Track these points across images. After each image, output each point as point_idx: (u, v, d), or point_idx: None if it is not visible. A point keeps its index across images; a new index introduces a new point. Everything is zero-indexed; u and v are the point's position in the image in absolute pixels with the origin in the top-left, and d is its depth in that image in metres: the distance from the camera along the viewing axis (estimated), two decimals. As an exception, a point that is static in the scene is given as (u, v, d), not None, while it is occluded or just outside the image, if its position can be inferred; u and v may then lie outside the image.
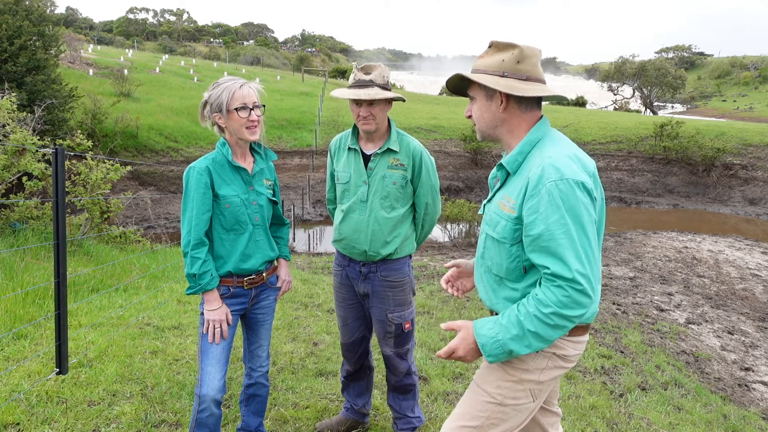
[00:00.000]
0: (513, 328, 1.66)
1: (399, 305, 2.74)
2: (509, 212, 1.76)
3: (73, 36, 33.07)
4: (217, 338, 2.37)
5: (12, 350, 3.75)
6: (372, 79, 2.54)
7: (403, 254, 2.73)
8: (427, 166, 2.69)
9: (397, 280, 2.72)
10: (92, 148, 8.57)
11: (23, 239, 6.92)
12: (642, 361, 5.17)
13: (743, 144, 22.36)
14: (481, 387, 1.87)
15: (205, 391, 2.35)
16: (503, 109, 1.81)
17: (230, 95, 2.30)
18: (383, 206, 2.64)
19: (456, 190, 20.15)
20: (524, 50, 1.77)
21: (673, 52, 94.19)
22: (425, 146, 2.82)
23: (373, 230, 2.65)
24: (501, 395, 1.82)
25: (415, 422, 2.91)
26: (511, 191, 1.79)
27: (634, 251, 11.84)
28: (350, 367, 2.99)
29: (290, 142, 22.64)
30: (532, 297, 1.66)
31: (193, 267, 2.30)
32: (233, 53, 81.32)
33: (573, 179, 1.64)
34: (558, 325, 1.63)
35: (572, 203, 1.62)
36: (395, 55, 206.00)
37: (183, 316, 4.78)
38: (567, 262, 1.59)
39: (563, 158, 1.69)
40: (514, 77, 1.77)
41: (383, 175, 2.64)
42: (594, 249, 1.66)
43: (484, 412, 1.83)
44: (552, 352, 1.81)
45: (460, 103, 38.00)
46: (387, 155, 2.65)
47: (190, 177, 2.33)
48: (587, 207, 1.65)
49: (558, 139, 1.80)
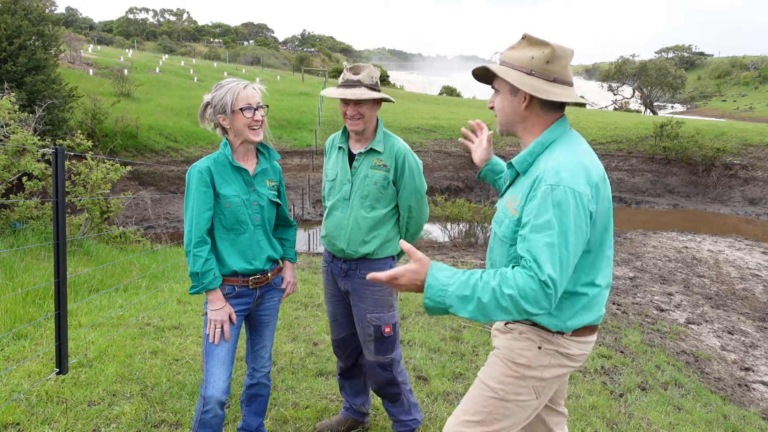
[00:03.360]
0: (466, 288, 1.59)
1: (378, 306, 2.72)
2: (513, 213, 1.77)
3: (73, 36, 33.03)
4: (217, 338, 2.37)
5: (12, 350, 3.75)
6: (360, 80, 2.57)
7: (383, 255, 2.72)
8: (411, 168, 2.68)
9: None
10: (92, 148, 8.57)
11: (23, 239, 6.92)
12: (642, 361, 5.17)
13: (743, 144, 22.35)
14: (484, 382, 1.88)
15: (210, 392, 2.35)
16: (525, 107, 1.80)
17: (235, 96, 2.32)
18: (363, 205, 2.68)
19: (456, 190, 20.15)
20: (556, 50, 1.74)
21: (673, 52, 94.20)
22: (425, 146, 2.83)
23: (352, 228, 2.69)
24: (504, 390, 1.83)
25: (411, 424, 2.90)
26: (518, 191, 1.79)
27: (634, 251, 11.84)
28: (342, 364, 3.01)
29: (290, 142, 22.64)
30: (500, 273, 1.61)
31: (195, 265, 2.31)
32: (233, 53, 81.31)
33: (570, 187, 1.63)
34: (507, 309, 1.58)
35: (563, 210, 1.61)
36: (395, 55, 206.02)
37: (183, 316, 4.78)
38: (542, 265, 1.58)
39: (568, 164, 1.68)
40: (541, 77, 1.75)
41: (365, 175, 2.67)
42: (572, 261, 1.63)
43: (486, 407, 1.85)
44: (555, 349, 1.82)
45: (460, 103, 38.01)
46: (371, 155, 2.68)
47: (191, 176, 2.35)
48: (577, 218, 1.63)
49: (571, 143, 1.78)
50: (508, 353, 1.87)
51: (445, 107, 33.16)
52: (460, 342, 4.77)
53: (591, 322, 1.82)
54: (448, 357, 4.35)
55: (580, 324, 1.80)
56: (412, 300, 5.85)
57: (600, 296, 1.83)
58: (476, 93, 52.30)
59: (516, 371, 1.83)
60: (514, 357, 1.84)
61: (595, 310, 1.83)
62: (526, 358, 1.83)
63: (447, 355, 4.39)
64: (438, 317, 5.53)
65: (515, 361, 1.84)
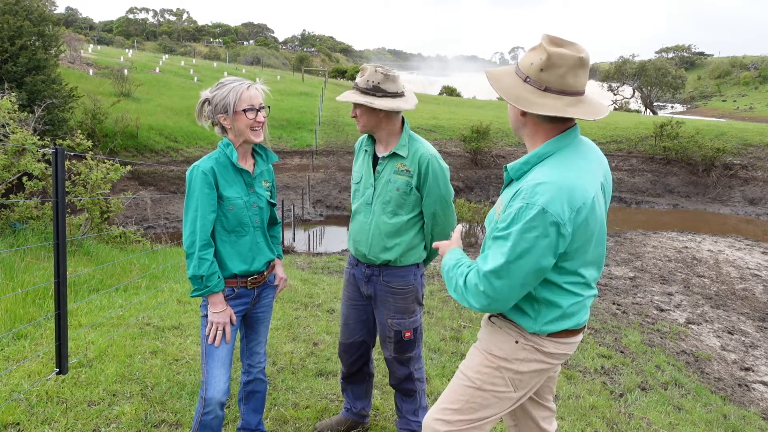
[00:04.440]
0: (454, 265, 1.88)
1: (399, 312, 2.71)
2: (497, 216, 1.79)
3: (73, 36, 33.06)
4: (218, 340, 2.36)
5: (12, 350, 3.75)
6: (357, 82, 2.59)
7: (407, 263, 2.68)
8: (436, 174, 2.60)
9: (399, 287, 2.69)
10: (92, 148, 8.57)
11: (23, 239, 6.92)
12: (642, 361, 5.17)
13: (743, 144, 22.36)
14: (463, 372, 1.96)
15: (211, 394, 2.34)
16: (521, 113, 1.79)
17: (238, 96, 2.28)
18: (385, 211, 2.63)
19: (456, 190, 20.13)
20: (552, 58, 1.66)
21: (673, 52, 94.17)
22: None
23: (373, 234, 2.64)
24: (480, 380, 1.89)
25: (413, 426, 2.89)
26: (506, 196, 1.80)
27: (634, 251, 11.84)
28: (345, 369, 2.98)
29: (290, 142, 22.64)
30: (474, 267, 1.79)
31: (200, 268, 2.26)
32: (233, 53, 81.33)
33: (544, 209, 1.62)
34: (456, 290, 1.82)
35: (526, 229, 1.64)
36: (395, 55, 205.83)
37: (183, 316, 4.78)
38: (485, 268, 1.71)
39: (551, 186, 1.65)
40: (533, 85, 1.71)
41: (388, 180, 2.62)
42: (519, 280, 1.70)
43: (464, 396, 1.91)
44: (531, 345, 1.85)
45: (460, 103, 38.02)
46: (394, 159, 2.63)
47: (194, 177, 2.29)
48: (539, 240, 1.64)
49: (567, 160, 1.74)
50: (486, 345, 1.93)
51: (445, 107, 33.16)
52: (460, 342, 4.77)
53: (570, 327, 1.84)
54: (448, 357, 4.35)
55: (557, 329, 1.83)
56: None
57: (579, 305, 1.84)
58: (476, 93, 52.34)
59: (492, 362, 1.89)
60: (491, 348, 1.90)
61: (575, 318, 1.84)
62: (502, 350, 1.88)
63: (447, 355, 4.39)
64: (438, 317, 5.53)
65: (492, 353, 1.90)
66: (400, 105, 2.57)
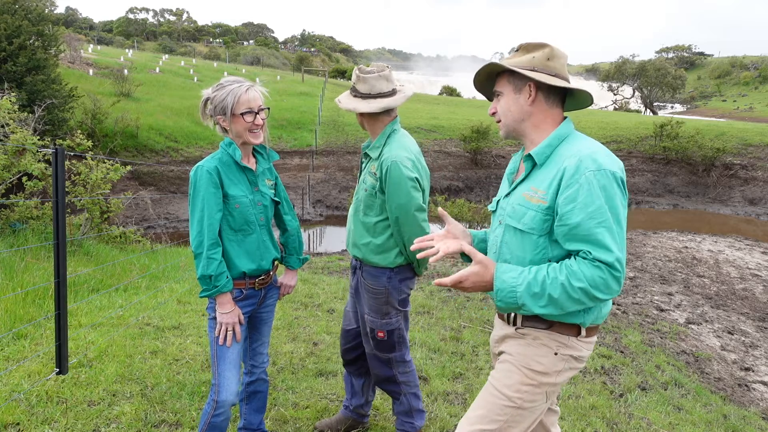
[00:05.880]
0: (536, 286, 1.67)
1: (372, 311, 2.72)
2: (538, 202, 1.76)
3: (73, 36, 33.03)
4: (229, 341, 2.36)
5: (12, 350, 3.75)
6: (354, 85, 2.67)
7: (380, 264, 2.64)
8: (393, 180, 2.49)
9: (371, 286, 2.70)
10: (92, 148, 8.56)
11: (23, 239, 6.92)
12: (642, 361, 5.17)
13: (743, 144, 22.36)
14: (500, 391, 1.85)
15: (224, 396, 2.33)
16: (531, 102, 1.83)
17: (236, 99, 2.27)
18: (358, 209, 2.72)
19: (456, 190, 20.15)
20: (554, 50, 1.83)
21: (673, 52, 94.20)
22: (425, 146, 2.85)
23: (350, 229, 2.78)
24: (521, 399, 1.82)
25: (407, 427, 2.88)
26: (539, 182, 1.79)
27: (634, 251, 11.84)
28: (341, 355, 3.04)
29: (290, 142, 22.64)
30: (565, 266, 1.66)
31: (209, 268, 2.25)
32: (233, 53, 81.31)
33: (611, 171, 1.69)
34: (580, 301, 1.65)
35: (610, 194, 1.67)
36: (395, 55, 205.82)
37: (183, 316, 4.78)
38: (609, 247, 1.63)
39: (600, 151, 1.75)
40: (544, 72, 1.81)
41: (363, 179, 2.70)
42: (625, 241, 1.70)
43: (502, 416, 1.83)
44: (569, 354, 1.82)
45: (459, 103, 38.02)
46: (370, 160, 2.69)
47: (199, 176, 2.28)
48: (622, 200, 1.71)
49: (586, 138, 1.86)
50: (524, 360, 1.84)
51: (445, 107, 33.16)
52: (460, 342, 4.77)
53: (607, 312, 1.87)
54: (448, 357, 4.35)
55: (604, 317, 1.84)
56: (412, 300, 5.85)
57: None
58: (476, 93, 52.22)
59: (533, 379, 1.82)
60: (530, 364, 1.82)
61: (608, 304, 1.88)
62: (542, 365, 1.81)
63: (447, 355, 4.39)
64: (438, 317, 5.53)
65: (532, 368, 1.82)
66: (357, 106, 2.58)
